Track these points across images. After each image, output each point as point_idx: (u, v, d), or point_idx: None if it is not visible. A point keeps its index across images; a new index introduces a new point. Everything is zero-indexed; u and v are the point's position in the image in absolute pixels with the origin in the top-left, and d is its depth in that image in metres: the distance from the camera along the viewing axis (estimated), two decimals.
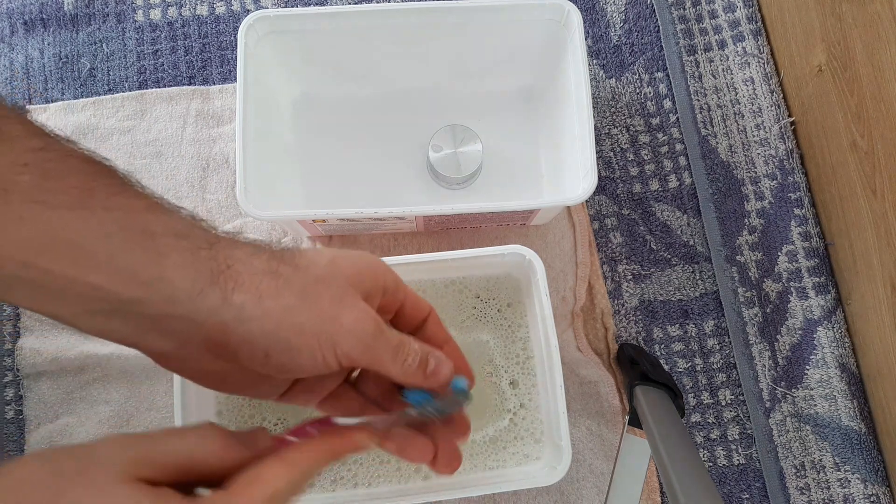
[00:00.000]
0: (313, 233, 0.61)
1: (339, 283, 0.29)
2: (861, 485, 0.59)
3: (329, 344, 0.27)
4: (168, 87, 0.66)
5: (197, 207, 0.63)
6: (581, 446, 0.59)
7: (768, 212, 0.64)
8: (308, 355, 0.27)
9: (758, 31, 0.67)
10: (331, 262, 0.29)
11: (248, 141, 0.52)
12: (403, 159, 0.63)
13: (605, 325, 0.62)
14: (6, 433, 0.59)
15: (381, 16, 0.56)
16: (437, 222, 0.58)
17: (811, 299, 0.62)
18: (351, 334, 0.28)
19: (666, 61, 0.67)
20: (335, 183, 0.62)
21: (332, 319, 0.28)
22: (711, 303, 0.62)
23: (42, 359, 0.59)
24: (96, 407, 0.59)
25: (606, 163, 0.65)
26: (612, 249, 0.63)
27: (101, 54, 0.67)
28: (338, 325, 0.28)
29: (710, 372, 0.61)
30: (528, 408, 0.53)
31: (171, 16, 0.68)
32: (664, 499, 0.58)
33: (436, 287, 0.54)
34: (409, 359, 0.30)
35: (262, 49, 0.56)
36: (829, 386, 0.60)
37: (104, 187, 0.25)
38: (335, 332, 0.28)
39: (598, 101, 0.66)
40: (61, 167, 0.24)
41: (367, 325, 0.28)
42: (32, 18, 0.67)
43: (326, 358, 0.28)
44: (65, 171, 0.24)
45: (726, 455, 0.60)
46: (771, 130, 0.65)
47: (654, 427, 0.48)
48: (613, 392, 0.60)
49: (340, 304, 0.28)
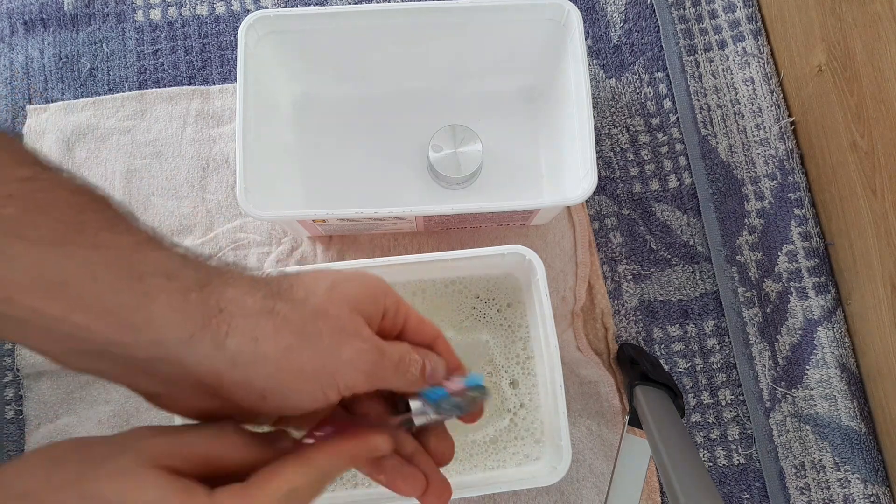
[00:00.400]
0: (313, 233, 0.61)
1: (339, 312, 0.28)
2: (861, 485, 0.59)
3: (330, 380, 0.27)
4: (168, 87, 0.66)
5: (197, 207, 0.63)
6: (581, 446, 0.59)
7: (768, 212, 0.64)
8: (308, 395, 0.27)
9: (758, 31, 0.67)
10: (330, 288, 0.29)
11: (248, 141, 0.52)
12: (403, 159, 0.63)
13: (605, 325, 0.62)
14: (6, 433, 0.59)
15: (381, 16, 0.56)
16: (437, 222, 0.58)
17: (811, 299, 0.62)
18: (351, 366, 0.28)
19: (666, 61, 0.67)
20: (335, 183, 0.62)
21: (333, 355, 0.27)
22: (711, 303, 0.62)
23: (42, 359, 0.59)
24: (96, 407, 0.59)
25: (606, 163, 0.65)
26: (612, 249, 0.63)
27: (101, 54, 0.67)
28: (338, 360, 0.27)
29: (710, 372, 0.61)
30: (528, 408, 0.53)
31: (171, 16, 0.68)
32: (664, 499, 0.58)
33: (436, 287, 0.54)
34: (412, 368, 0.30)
35: (262, 49, 0.56)
36: (829, 386, 0.60)
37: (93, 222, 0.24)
38: (336, 368, 0.27)
39: (598, 101, 0.66)
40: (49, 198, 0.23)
41: (368, 356, 0.28)
42: (32, 18, 0.67)
43: (328, 394, 0.28)
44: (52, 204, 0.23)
45: (726, 455, 0.60)
46: (771, 130, 0.65)
47: (654, 427, 0.48)
48: (613, 392, 0.60)
49: (340, 337, 0.28)
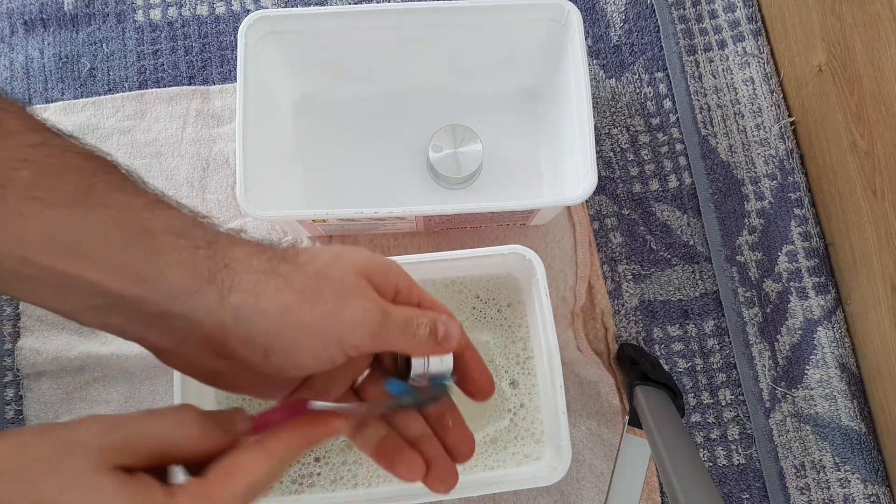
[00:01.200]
0: (313, 233, 0.61)
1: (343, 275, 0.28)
2: (861, 485, 0.59)
3: (334, 339, 0.27)
4: (168, 87, 0.66)
5: (197, 207, 0.62)
6: (581, 446, 0.59)
7: (768, 212, 0.64)
8: (310, 354, 0.27)
9: (758, 31, 0.67)
10: (336, 256, 0.29)
11: (248, 141, 0.52)
12: (403, 159, 0.63)
13: (605, 325, 0.62)
14: None
15: (381, 16, 0.56)
16: (437, 222, 0.58)
17: (811, 299, 0.62)
18: (357, 326, 0.27)
19: (666, 61, 0.67)
20: (335, 183, 0.62)
21: (336, 314, 0.27)
22: (711, 303, 0.62)
23: (42, 359, 0.59)
24: (96, 407, 0.59)
25: (606, 163, 0.65)
26: (612, 249, 0.63)
27: (101, 54, 0.67)
28: (342, 319, 0.27)
29: (710, 372, 0.61)
30: (528, 408, 0.53)
31: (171, 16, 0.68)
32: (664, 499, 0.58)
33: (436, 287, 0.54)
34: (420, 330, 0.29)
35: (262, 49, 0.56)
36: (829, 386, 0.60)
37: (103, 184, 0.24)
38: (340, 327, 0.27)
39: (598, 101, 0.66)
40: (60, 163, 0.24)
41: (373, 315, 0.28)
42: (32, 18, 0.67)
43: (331, 353, 0.27)
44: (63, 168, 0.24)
45: (726, 455, 0.60)
46: (771, 130, 0.65)
47: (654, 427, 0.48)
48: (613, 392, 0.60)
49: (344, 297, 0.27)
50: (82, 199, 0.24)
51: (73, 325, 0.60)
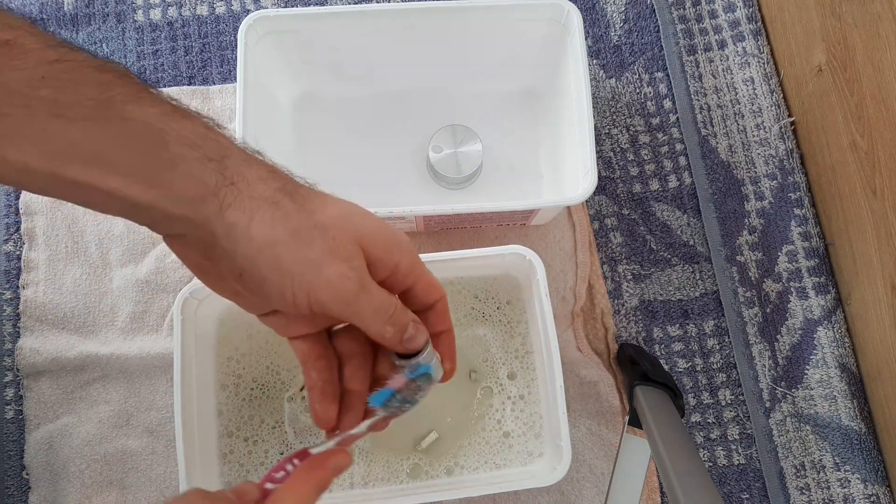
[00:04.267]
0: None
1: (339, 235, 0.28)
2: (861, 485, 0.58)
3: (302, 288, 0.28)
4: (168, 87, 0.66)
5: None
6: (581, 446, 0.59)
7: (768, 212, 0.64)
8: (277, 291, 0.28)
9: (758, 31, 0.67)
10: (343, 216, 0.29)
11: (248, 141, 0.52)
12: (403, 159, 0.63)
13: (605, 325, 0.62)
14: (6, 433, 0.59)
15: (381, 16, 0.56)
16: (437, 222, 0.58)
17: (811, 299, 0.62)
18: (329, 286, 0.28)
19: (666, 61, 0.67)
20: (335, 183, 0.61)
21: (314, 267, 0.28)
22: (711, 303, 0.62)
23: (42, 359, 0.59)
24: (96, 407, 0.59)
25: (606, 163, 0.65)
26: (612, 249, 0.63)
27: (101, 54, 0.67)
28: (318, 274, 0.27)
29: (710, 372, 0.61)
30: (528, 400, 0.53)
31: (171, 16, 0.68)
32: (664, 499, 0.58)
33: None
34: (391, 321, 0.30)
35: (262, 49, 0.56)
36: (829, 386, 0.60)
37: (119, 96, 0.26)
38: (313, 280, 0.28)
39: (598, 101, 0.66)
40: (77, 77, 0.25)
41: (349, 283, 0.28)
42: (32, 18, 0.67)
43: (297, 300, 0.28)
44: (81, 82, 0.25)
45: (726, 455, 0.60)
46: (771, 130, 0.65)
47: (654, 427, 0.48)
48: (613, 392, 0.60)
49: (330, 255, 0.28)
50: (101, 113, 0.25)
51: (73, 325, 0.60)
